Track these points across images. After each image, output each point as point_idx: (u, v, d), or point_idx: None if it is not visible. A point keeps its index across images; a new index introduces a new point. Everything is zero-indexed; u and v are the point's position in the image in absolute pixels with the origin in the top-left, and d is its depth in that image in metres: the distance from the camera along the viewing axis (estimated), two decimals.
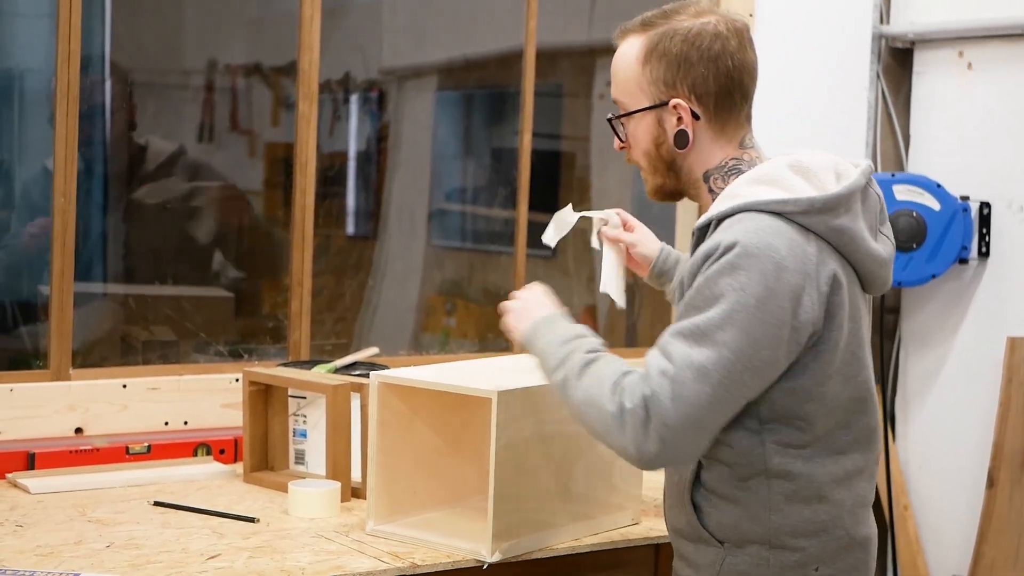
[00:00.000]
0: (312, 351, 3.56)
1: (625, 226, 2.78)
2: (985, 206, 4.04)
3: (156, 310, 3.85)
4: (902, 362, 4.30)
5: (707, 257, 2.16)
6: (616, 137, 2.38)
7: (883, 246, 2.31)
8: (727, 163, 2.31)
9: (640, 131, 2.33)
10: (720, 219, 2.20)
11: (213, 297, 4.00)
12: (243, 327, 4.01)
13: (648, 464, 2.16)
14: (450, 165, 5.38)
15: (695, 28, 2.26)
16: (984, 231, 4.05)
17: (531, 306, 2.40)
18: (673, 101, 2.27)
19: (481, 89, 5.28)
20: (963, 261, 4.06)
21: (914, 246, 4.02)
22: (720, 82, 2.27)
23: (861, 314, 2.28)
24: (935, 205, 4.03)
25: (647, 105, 2.30)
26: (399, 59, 5.06)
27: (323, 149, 4.73)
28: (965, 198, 4.04)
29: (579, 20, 4.23)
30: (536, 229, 4.06)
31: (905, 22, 4.23)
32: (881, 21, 4.24)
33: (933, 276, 4.06)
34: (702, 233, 2.25)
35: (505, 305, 2.44)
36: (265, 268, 4.18)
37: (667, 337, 2.16)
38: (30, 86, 3.97)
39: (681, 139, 2.28)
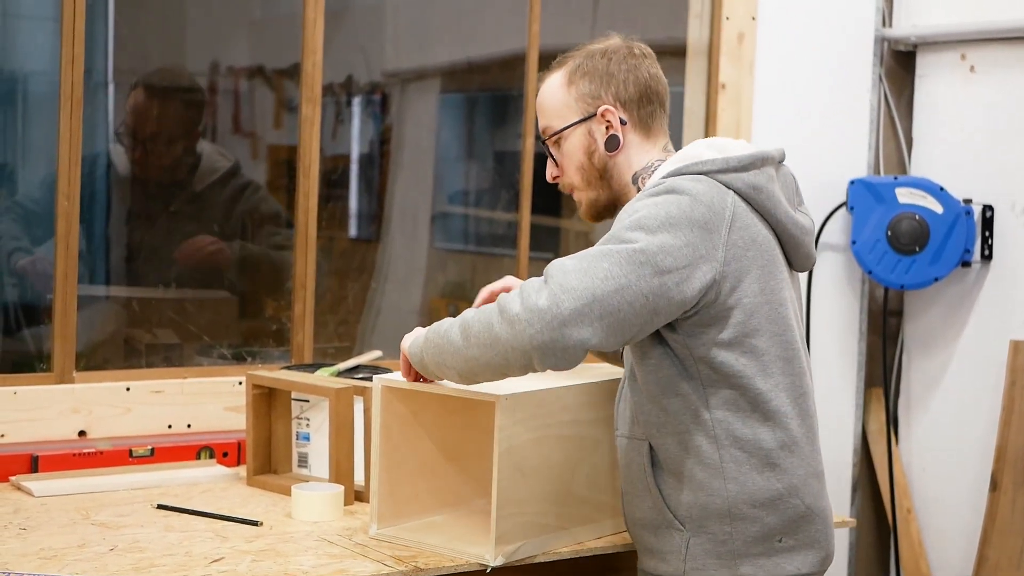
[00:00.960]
0: (315, 354, 3.56)
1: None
2: (988, 209, 4.04)
3: (159, 313, 3.85)
4: (905, 365, 4.30)
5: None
6: (552, 166, 2.57)
7: (802, 217, 2.47)
8: (653, 163, 2.50)
9: (572, 146, 2.52)
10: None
11: (216, 300, 4.00)
12: (246, 330, 4.01)
13: (535, 326, 2.19)
14: (453, 168, 5.38)
15: (610, 48, 2.53)
16: (987, 234, 4.05)
17: (411, 342, 2.49)
18: (601, 108, 2.49)
19: (484, 92, 5.28)
20: (966, 264, 4.06)
21: (917, 249, 4.02)
22: (640, 89, 2.50)
23: (782, 276, 2.41)
24: (938, 208, 4.03)
25: (577, 119, 2.51)
26: (402, 62, 5.06)
27: (326, 152, 4.72)
28: (968, 201, 4.04)
29: (582, 23, 4.23)
30: (539, 232, 4.08)
31: (907, 25, 4.23)
32: (883, 24, 4.24)
33: (936, 279, 4.06)
34: None
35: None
36: (268, 271, 4.17)
37: None
38: (34, 89, 3.97)
39: (612, 143, 2.50)
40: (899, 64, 4.29)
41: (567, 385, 2.57)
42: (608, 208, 2.55)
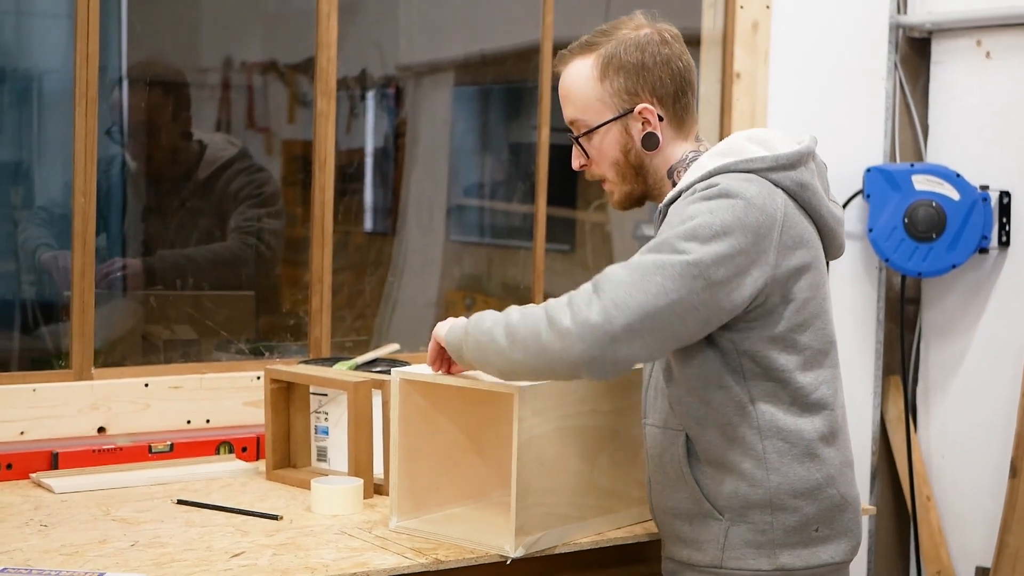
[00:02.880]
0: (332, 348, 3.56)
1: None
2: (1005, 195, 4.03)
3: (177, 309, 3.85)
4: (923, 353, 4.29)
5: (680, 195, 2.31)
6: (580, 156, 2.50)
7: (836, 207, 2.46)
8: (687, 156, 2.46)
9: (607, 143, 2.46)
10: (689, 188, 2.33)
11: (234, 295, 4.00)
12: (264, 325, 4.02)
13: (587, 342, 2.19)
14: (468, 160, 5.37)
15: (642, 38, 2.43)
16: (1004, 220, 4.03)
17: (447, 330, 2.45)
18: (639, 107, 2.42)
19: (498, 84, 5.28)
20: (983, 251, 4.05)
21: (934, 236, 4.01)
22: (676, 82, 2.44)
23: (824, 270, 2.41)
24: (954, 195, 4.02)
25: (613, 116, 2.44)
26: (416, 55, 5.05)
27: (340, 146, 4.72)
28: (985, 187, 4.03)
29: (595, 14, 4.22)
30: (554, 224, 4.07)
31: (923, 11, 4.22)
32: (898, 11, 4.22)
33: (953, 266, 4.05)
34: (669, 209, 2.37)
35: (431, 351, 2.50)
36: (285, 265, 4.18)
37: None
38: (48, 86, 3.98)
39: (650, 141, 2.43)
40: (914, 51, 4.28)
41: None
42: (641, 200, 2.52)
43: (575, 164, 2.53)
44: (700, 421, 2.37)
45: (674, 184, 2.44)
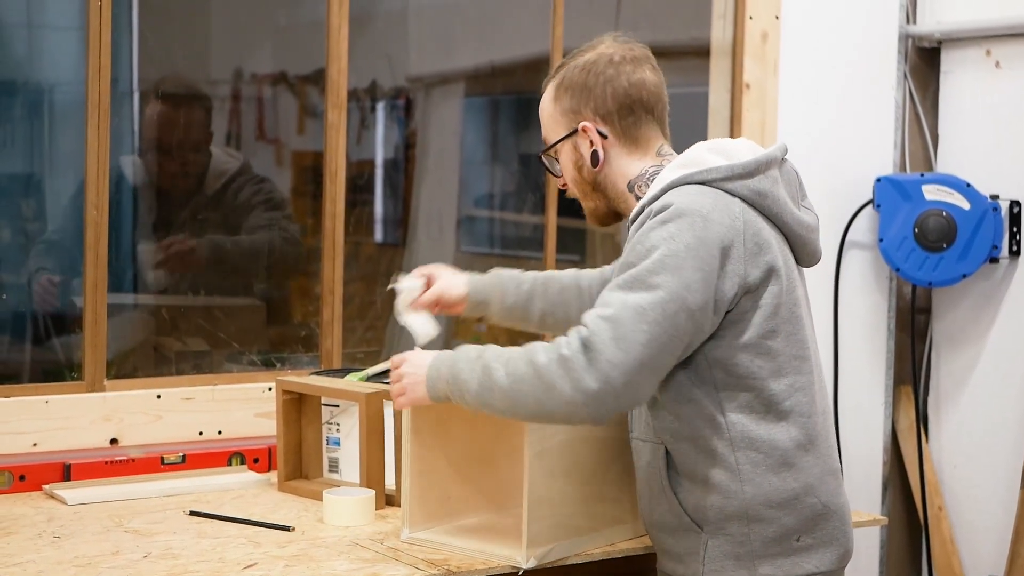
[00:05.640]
0: (344, 359, 3.57)
1: (428, 282, 2.85)
2: (1015, 204, 4.03)
3: (189, 320, 3.86)
4: (934, 363, 4.28)
5: (641, 223, 2.33)
6: (554, 175, 2.59)
7: (806, 215, 2.47)
8: (647, 171, 2.49)
9: (564, 160, 2.55)
10: (651, 203, 2.36)
11: (245, 307, 4.01)
12: (275, 336, 4.02)
13: (591, 407, 2.23)
14: (478, 171, 5.38)
15: (591, 58, 2.50)
16: (1015, 230, 4.03)
17: (413, 366, 2.47)
18: (581, 124, 2.49)
19: (508, 95, 5.29)
20: (994, 260, 4.04)
21: (944, 246, 4.01)
22: (619, 100, 2.48)
23: (794, 276, 2.42)
24: (965, 204, 4.02)
25: (563, 135, 2.52)
26: (426, 66, 5.06)
27: (351, 157, 4.73)
28: (995, 197, 4.03)
29: (605, 25, 4.22)
30: (565, 235, 4.07)
31: (932, 21, 4.22)
32: (908, 21, 4.23)
33: (964, 276, 4.05)
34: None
35: (391, 388, 2.52)
36: (296, 276, 4.18)
37: (605, 291, 2.31)
38: (60, 99, 3.99)
39: (594, 159, 2.49)
40: (924, 61, 4.28)
41: None
42: (610, 215, 2.57)
43: (557, 182, 2.61)
44: (674, 435, 2.39)
45: (637, 197, 2.48)
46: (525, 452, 2.43)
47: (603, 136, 2.48)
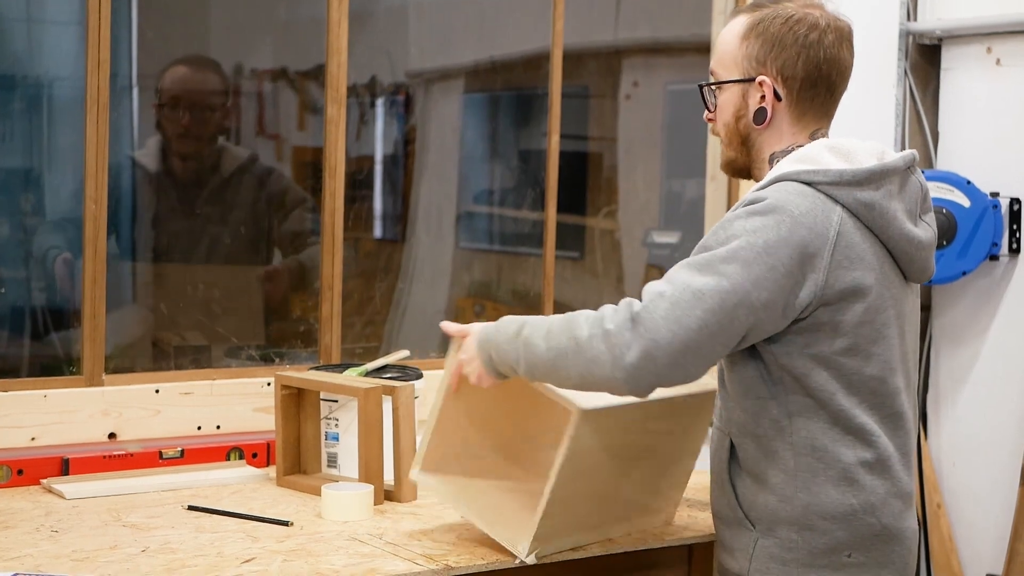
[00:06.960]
0: (343, 354, 3.56)
1: None
2: (1015, 202, 4.03)
3: (187, 315, 3.86)
4: (933, 360, 4.28)
5: (736, 207, 2.27)
6: (706, 107, 2.47)
7: (922, 230, 2.36)
8: (791, 148, 2.39)
9: (725, 102, 2.42)
10: (760, 191, 2.29)
11: (244, 303, 4.01)
12: (274, 331, 4.02)
13: (631, 383, 2.19)
14: (478, 167, 5.38)
15: (797, 15, 2.36)
16: (1014, 227, 4.03)
17: (469, 352, 2.43)
18: (760, 78, 2.37)
19: (508, 91, 5.28)
20: (994, 258, 4.04)
21: (944, 243, 4.01)
22: (808, 69, 2.36)
23: (888, 294, 2.31)
24: (965, 202, 4.01)
25: (736, 78, 2.39)
26: (425, 62, 5.06)
27: (350, 153, 4.73)
28: (995, 194, 4.03)
29: (605, 21, 4.23)
30: (564, 231, 4.07)
31: (932, 18, 4.22)
32: (908, 18, 4.22)
33: (964, 273, 4.04)
34: None
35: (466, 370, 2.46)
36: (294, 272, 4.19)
37: (674, 268, 2.25)
38: (59, 93, 3.99)
39: (759, 116, 2.38)
40: (924, 58, 4.27)
41: (648, 400, 2.44)
42: (743, 172, 2.47)
43: (705, 114, 2.49)
44: (740, 429, 2.36)
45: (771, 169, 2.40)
46: (558, 455, 2.38)
47: (777, 98, 2.38)
